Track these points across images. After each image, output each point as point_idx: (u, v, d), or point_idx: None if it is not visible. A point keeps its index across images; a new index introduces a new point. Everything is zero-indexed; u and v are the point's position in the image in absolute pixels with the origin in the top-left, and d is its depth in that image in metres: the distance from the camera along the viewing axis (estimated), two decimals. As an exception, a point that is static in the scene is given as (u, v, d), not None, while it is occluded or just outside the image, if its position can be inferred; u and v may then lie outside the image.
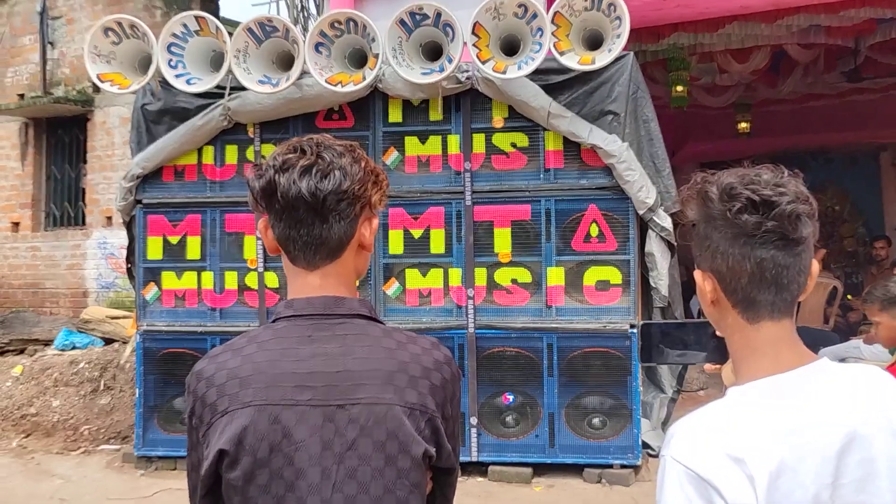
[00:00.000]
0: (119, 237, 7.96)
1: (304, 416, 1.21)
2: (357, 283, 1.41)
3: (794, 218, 1.07)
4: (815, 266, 1.15)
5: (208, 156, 5.56)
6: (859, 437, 1.08)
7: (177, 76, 5.07)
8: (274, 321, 1.32)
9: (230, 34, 5.01)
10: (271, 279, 5.47)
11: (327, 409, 1.22)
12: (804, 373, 1.11)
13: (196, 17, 5.07)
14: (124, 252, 6.07)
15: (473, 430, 5.12)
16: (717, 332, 1.23)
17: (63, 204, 9.67)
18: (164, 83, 5.26)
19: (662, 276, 4.97)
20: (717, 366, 1.36)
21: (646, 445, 5.10)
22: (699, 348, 1.34)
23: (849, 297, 8.10)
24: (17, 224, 9.66)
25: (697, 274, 1.17)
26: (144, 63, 5.15)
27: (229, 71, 4.99)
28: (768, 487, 1.01)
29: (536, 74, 4.84)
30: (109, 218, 8.96)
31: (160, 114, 5.50)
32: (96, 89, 8.71)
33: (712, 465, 1.01)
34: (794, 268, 1.10)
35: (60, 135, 9.63)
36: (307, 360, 1.24)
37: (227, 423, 1.22)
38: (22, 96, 9.54)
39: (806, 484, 1.04)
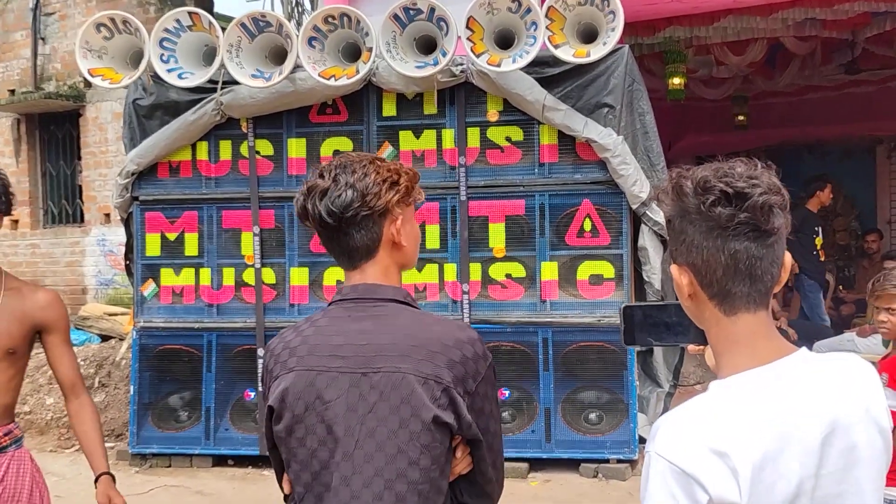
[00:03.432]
0: (118, 234, 7.94)
1: (334, 381, 1.42)
2: (401, 273, 1.60)
3: (766, 209, 1.09)
4: (788, 257, 1.16)
5: (202, 151, 5.54)
6: (840, 427, 1.09)
7: (168, 70, 5.04)
8: (329, 305, 1.55)
9: (224, 29, 4.99)
10: (268, 275, 5.45)
11: (353, 375, 1.42)
12: (784, 364, 1.12)
13: (189, 13, 5.05)
14: (123, 249, 6.06)
15: (469, 426, 5.11)
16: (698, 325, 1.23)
17: (61, 201, 9.64)
18: (156, 78, 5.23)
19: (655, 270, 4.97)
20: (701, 347, 1.36)
21: (642, 440, 5.10)
22: (682, 330, 1.32)
23: (841, 288, 8.10)
24: (16, 222, 9.64)
25: (674, 268, 1.19)
26: (136, 58, 5.12)
27: (222, 65, 4.96)
28: (752, 480, 1.02)
29: (531, 67, 4.83)
30: (107, 215, 8.93)
31: (152, 109, 5.47)
32: (87, 84, 8.68)
33: (695, 459, 1.02)
34: (767, 259, 1.11)
35: (53, 131, 9.60)
36: (343, 334, 1.46)
37: (277, 385, 1.46)
38: (13, 92, 9.51)
39: (789, 475, 1.05)
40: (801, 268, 6.82)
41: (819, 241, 7.12)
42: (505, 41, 4.92)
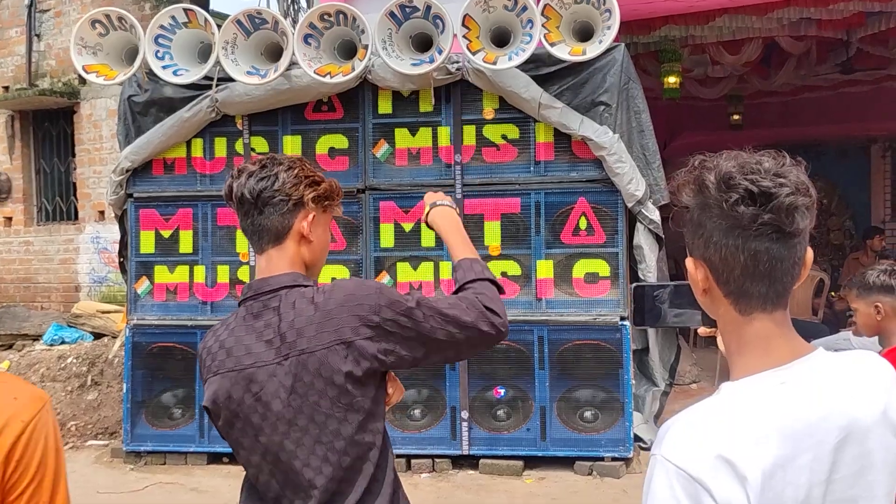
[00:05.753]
0: (112, 232, 7.91)
1: (254, 375, 1.58)
2: (308, 270, 1.69)
3: (791, 210, 1.04)
4: (810, 254, 1.12)
5: (197, 149, 5.52)
6: (855, 432, 1.06)
7: (164, 67, 5.03)
8: (238, 305, 1.69)
9: (219, 26, 4.97)
10: (261, 273, 5.43)
11: (269, 367, 1.58)
12: (799, 366, 1.08)
13: (185, 10, 5.03)
14: (117, 246, 6.04)
15: (465, 424, 5.11)
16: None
17: (55, 198, 9.61)
18: (151, 74, 5.22)
19: (651, 268, 4.97)
20: (712, 329, 1.30)
21: (637, 438, 5.11)
22: (693, 310, 1.26)
23: (832, 293, 8.12)
24: (9, 219, 9.60)
25: (689, 262, 1.14)
26: (131, 55, 5.10)
27: (217, 62, 4.95)
28: (761, 488, 0.99)
29: (527, 65, 4.82)
30: (102, 212, 8.90)
31: (147, 105, 5.45)
32: (82, 81, 8.64)
33: (703, 465, 0.99)
34: (788, 260, 1.07)
35: (47, 128, 9.56)
36: (252, 332, 1.61)
37: (207, 387, 1.63)
38: (7, 89, 9.47)
39: (799, 482, 1.02)
40: None
41: None
42: (501, 39, 4.91)
